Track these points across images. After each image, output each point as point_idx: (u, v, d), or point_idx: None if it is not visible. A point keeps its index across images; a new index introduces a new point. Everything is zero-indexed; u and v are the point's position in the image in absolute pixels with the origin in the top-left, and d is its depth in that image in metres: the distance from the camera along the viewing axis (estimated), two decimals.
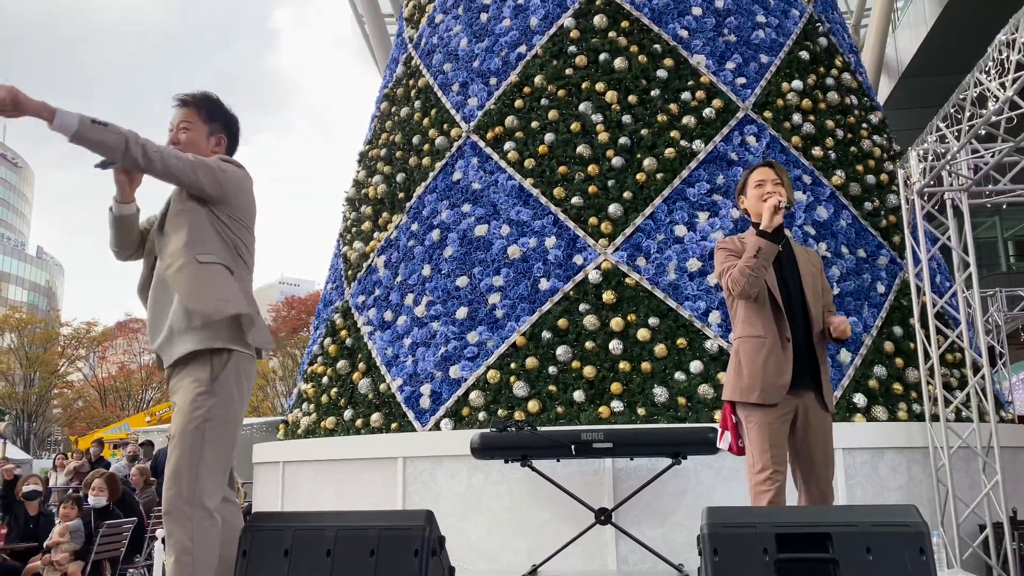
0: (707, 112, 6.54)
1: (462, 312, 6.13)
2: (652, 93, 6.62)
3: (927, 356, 6.00)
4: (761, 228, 3.41)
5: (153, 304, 2.99)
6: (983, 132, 5.50)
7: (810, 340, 3.51)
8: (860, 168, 6.84)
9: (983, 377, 5.90)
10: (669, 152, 6.34)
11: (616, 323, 5.76)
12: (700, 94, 6.62)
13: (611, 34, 6.86)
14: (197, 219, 2.92)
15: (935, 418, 5.74)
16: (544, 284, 6.01)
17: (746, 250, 3.46)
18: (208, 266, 2.87)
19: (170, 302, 2.93)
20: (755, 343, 3.48)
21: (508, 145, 6.64)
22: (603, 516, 4.85)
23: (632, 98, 6.59)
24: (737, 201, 3.79)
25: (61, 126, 2.57)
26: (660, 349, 5.65)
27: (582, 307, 5.88)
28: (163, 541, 2.78)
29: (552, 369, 5.71)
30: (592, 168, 6.34)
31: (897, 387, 5.94)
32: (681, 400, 5.48)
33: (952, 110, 5.80)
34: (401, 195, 7.18)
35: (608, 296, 5.87)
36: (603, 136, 6.45)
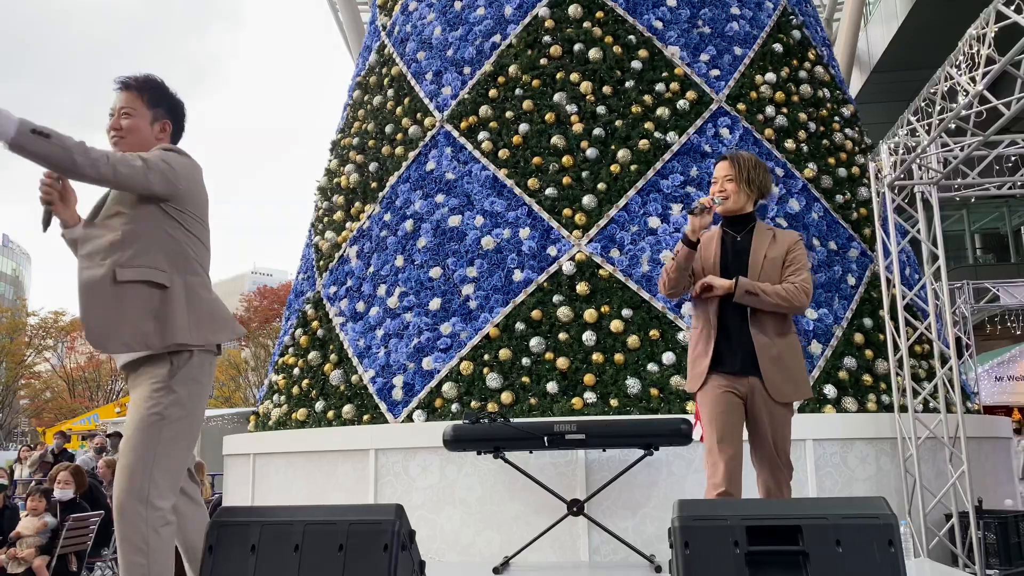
0: (681, 104, 6.54)
1: (435, 303, 6.09)
2: (626, 84, 6.60)
3: (896, 348, 6.06)
4: (684, 231, 3.52)
5: None
6: (953, 126, 5.56)
7: (747, 327, 3.50)
8: (832, 161, 6.89)
9: (950, 368, 5.98)
10: (643, 144, 6.33)
11: (590, 314, 5.75)
12: (674, 85, 6.62)
13: (586, 24, 6.83)
14: (137, 218, 2.77)
15: (903, 409, 5.80)
16: (518, 275, 5.98)
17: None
18: (130, 287, 2.72)
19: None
20: (694, 334, 3.66)
21: (482, 135, 6.60)
22: (575, 507, 4.85)
23: (607, 89, 6.57)
24: None
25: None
26: (633, 340, 5.66)
27: (556, 298, 5.87)
28: None
29: (525, 360, 5.70)
30: (566, 159, 6.32)
31: (867, 378, 6.00)
32: (654, 391, 5.49)
33: (923, 104, 5.85)
34: (374, 185, 7.11)
35: (582, 287, 5.86)
36: (577, 127, 6.43)
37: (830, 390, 5.76)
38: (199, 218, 2.91)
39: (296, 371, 6.74)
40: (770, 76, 6.92)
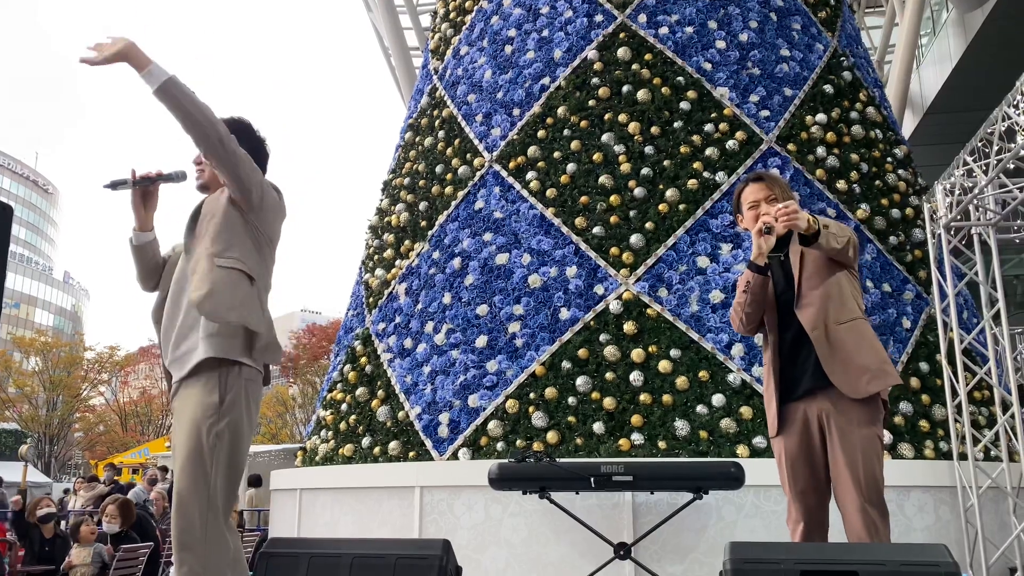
0: (730, 144, 6.53)
1: (482, 341, 6.11)
2: (675, 125, 6.62)
3: (954, 393, 5.88)
4: (751, 259, 3.17)
5: (167, 317, 2.96)
6: (1011, 166, 5.45)
7: (803, 342, 3.15)
8: (885, 202, 6.79)
9: (1013, 415, 5.78)
10: (692, 183, 6.33)
11: (637, 354, 5.71)
12: (723, 126, 6.62)
13: (634, 67, 6.89)
14: (229, 221, 2.92)
15: (963, 457, 5.61)
16: (564, 314, 5.98)
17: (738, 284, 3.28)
18: (226, 271, 2.85)
19: (181, 312, 2.90)
20: (765, 376, 3.33)
21: (530, 175, 6.66)
22: (622, 551, 4.77)
23: (655, 129, 6.60)
24: (736, 220, 3.53)
25: (150, 75, 2.68)
26: (681, 381, 5.59)
27: (603, 337, 5.84)
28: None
29: (572, 400, 5.66)
30: (614, 198, 6.34)
31: (923, 424, 5.83)
32: (703, 434, 5.41)
33: (979, 144, 5.75)
34: (423, 223, 7.20)
35: (629, 327, 5.83)
36: (625, 167, 6.45)
37: (886, 435, 5.60)
38: (271, 246, 3.06)
39: (344, 407, 6.80)
40: (821, 117, 6.88)
